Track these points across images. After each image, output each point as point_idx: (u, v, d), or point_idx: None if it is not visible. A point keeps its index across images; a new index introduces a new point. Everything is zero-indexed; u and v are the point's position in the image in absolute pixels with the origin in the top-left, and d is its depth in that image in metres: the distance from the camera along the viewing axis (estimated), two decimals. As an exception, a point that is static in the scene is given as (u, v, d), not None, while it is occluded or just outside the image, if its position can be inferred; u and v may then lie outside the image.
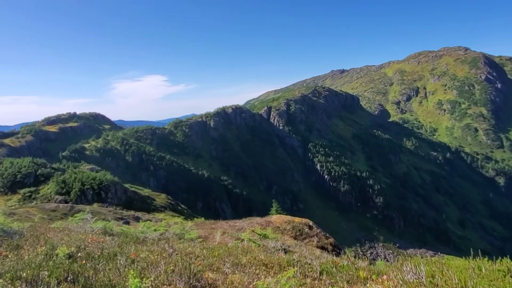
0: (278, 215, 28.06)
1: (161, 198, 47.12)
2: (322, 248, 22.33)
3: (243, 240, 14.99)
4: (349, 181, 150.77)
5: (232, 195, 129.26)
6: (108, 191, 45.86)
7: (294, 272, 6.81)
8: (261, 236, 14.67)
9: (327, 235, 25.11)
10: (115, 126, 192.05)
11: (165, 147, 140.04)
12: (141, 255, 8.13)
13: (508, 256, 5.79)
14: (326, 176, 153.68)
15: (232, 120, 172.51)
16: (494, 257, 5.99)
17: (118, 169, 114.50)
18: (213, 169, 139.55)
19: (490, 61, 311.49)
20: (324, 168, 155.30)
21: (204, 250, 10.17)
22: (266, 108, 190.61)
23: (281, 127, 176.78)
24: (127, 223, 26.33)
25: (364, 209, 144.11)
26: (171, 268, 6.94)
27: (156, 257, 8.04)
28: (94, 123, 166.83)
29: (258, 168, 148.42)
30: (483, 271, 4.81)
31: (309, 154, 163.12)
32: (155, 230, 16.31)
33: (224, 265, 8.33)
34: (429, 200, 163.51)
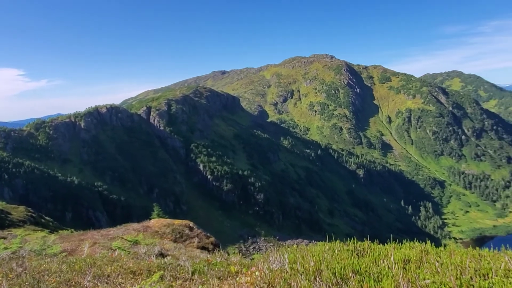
0: (157, 219, 26.90)
1: (19, 211, 40.55)
2: (203, 248, 22.17)
3: (115, 249, 13.94)
4: (231, 180, 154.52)
5: (107, 201, 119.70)
6: None
7: (160, 275, 6.38)
8: (132, 243, 13.72)
9: (208, 234, 25.03)
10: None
11: (23, 152, 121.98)
12: (-23, 280, 7.06)
13: (366, 236, 6.62)
14: (209, 176, 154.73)
15: (106, 120, 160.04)
16: (357, 238, 6.65)
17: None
18: (85, 175, 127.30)
19: (350, 69, 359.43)
20: (207, 168, 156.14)
21: (63, 265, 9.38)
22: (145, 108, 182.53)
23: (161, 128, 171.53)
24: (-30, 243, 21.86)
25: (246, 206, 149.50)
26: (16, 289, 6.12)
27: (-2, 279, 7.00)
28: None
29: (137, 171, 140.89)
30: (336, 252, 5.23)
31: (192, 155, 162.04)
32: (5, 248, 14.39)
33: (85, 278, 7.64)
34: (304, 194, 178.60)
